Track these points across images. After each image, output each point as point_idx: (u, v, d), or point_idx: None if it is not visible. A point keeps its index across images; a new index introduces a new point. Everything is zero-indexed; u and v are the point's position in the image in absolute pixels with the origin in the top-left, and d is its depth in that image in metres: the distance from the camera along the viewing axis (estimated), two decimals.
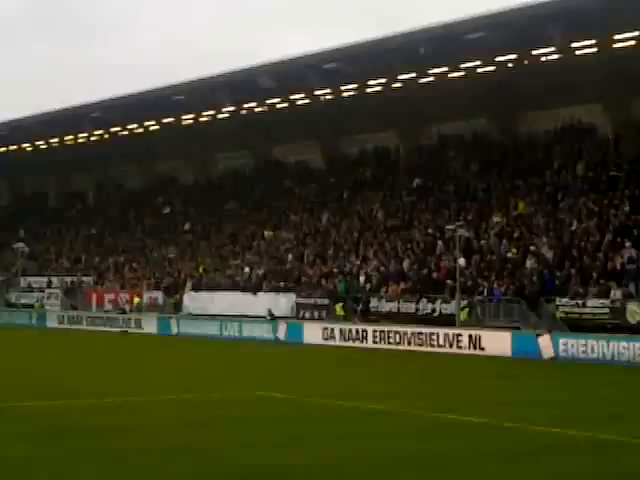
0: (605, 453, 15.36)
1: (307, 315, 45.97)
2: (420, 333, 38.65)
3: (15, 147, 72.09)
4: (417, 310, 41.19)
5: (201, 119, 61.13)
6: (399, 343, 39.20)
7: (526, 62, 45.62)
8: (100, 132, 66.74)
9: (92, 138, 67.82)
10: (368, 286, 44.54)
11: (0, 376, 27.47)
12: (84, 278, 62.20)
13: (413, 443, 16.13)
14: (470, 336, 36.67)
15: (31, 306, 61.97)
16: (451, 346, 37.16)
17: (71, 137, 68.77)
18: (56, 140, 69.87)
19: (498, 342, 35.92)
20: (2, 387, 24.41)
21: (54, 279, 63.43)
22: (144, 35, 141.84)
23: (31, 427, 17.15)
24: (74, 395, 22.38)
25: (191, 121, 61.66)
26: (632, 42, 42.01)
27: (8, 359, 34.75)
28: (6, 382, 25.62)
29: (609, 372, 30.13)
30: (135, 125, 64.73)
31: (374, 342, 40.11)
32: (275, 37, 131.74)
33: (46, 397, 21.90)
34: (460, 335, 37.10)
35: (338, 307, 44.37)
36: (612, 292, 35.39)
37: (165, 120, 62.35)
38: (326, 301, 45.39)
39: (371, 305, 43.32)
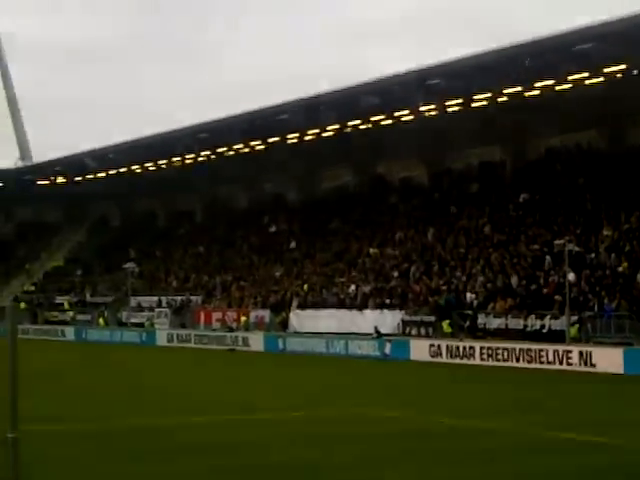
0: None
1: (414, 332, 45.70)
2: (529, 350, 38.01)
3: (125, 169, 73.66)
4: (525, 326, 40.56)
5: (306, 137, 61.50)
6: (507, 360, 38.61)
7: (635, 72, 44.64)
8: (207, 153, 67.72)
9: (199, 159, 68.86)
10: (475, 302, 44.08)
11: (124, 393, 27.91)
12: (192, 297, 63.07)
13: (528, 460, 15.81)
14: (580, 352, 35.90)
15: (142, 325, 63.11)
16: (561, 363, 36.43)
17: (178, 158, 69.96)
18: (164, 161, 71.20)
19: (610, 358, 35.08)
20: (125, 404, 24.79)
21: (163, 298, 64.51)
22: (242, 58, 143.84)
23: (145, 445, 17.31)
24: (181, 412, 22.54)
25: (296, 140, 62.09)
26: None
27: (127, 377, 35.34)
28: (125, 399, 26.05)
29: None
30: (241, 145, 65.48)
31: (481, 359, 39.62)
32: (375, 55, 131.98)
33: (158, 415, 22.14)
34: (570, 352, 36.35)
35: (445, 324, 44.00)
36: None
37: (271, 140, 62.94)
38: (432, 318, 45.07)
39: (478, 321, 42.84)
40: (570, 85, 46.91)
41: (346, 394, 27.98)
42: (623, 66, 44.53)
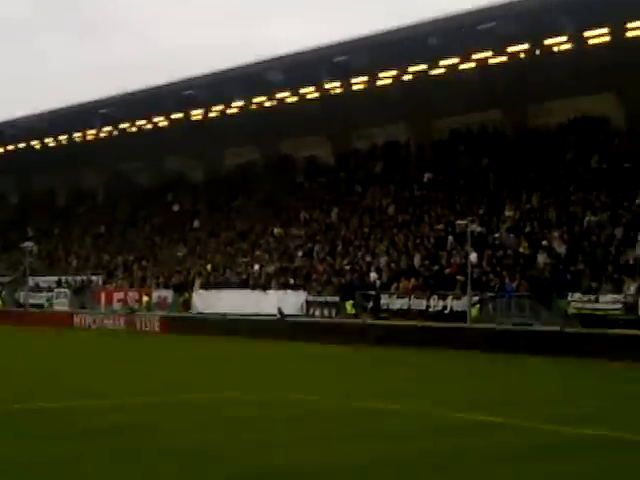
0: None
1: (317, 313, 45.29)
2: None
3: (23, 145, 71.62)
4: (428, 307, 40.45)
5: (210, 114, 60.46)
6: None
7: (538, 52, 44.73)
8: (108, 129, 66.14)
9: (100, 135, 67.24)
10: (379, 283, 43.80)
11: (21, 376, 26.92)
12: (93, 277, 61.68)
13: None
14: None
15: (41, 306, 61.51)
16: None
17: (79, 134, 68.25)
18: (64, 137, 69.39)
19: None
20: (20, 387, 23.88)
21: (63, 278, 62.93)
22: (145, 32, 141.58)
23: (37, 428, 16.61)
24: (85, 395, 21.77)
25: (200, 116, 60.99)
26: None
27: (23, 359, 34.15)
28: (26, 382, 25.12)
29: None
30: (144, 121, 64.12)
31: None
32: (281, 30, 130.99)
33: (59, 398, 21.36)
34: None
35: (348, 304, 43.66)
36: (625, 287, 34.54)
37: (174, 116, 61.73)
38: (336, 298, 44.69)
39: (382, 302, 42.57)
40: (474, 64, 46.85)
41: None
42: (526, 45, 44.57)
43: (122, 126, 65.25)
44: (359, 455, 14.30)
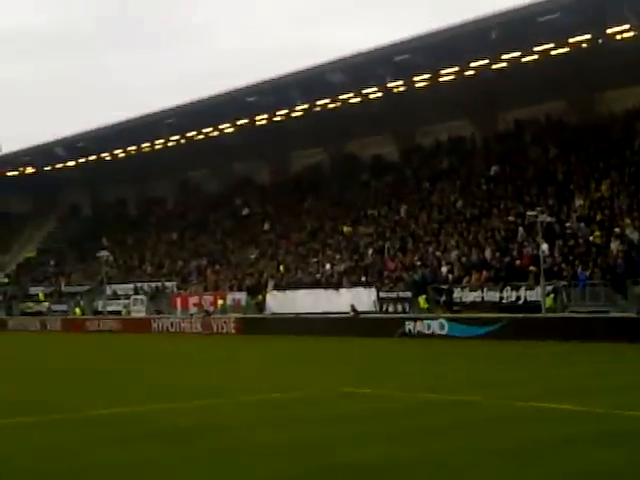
0: None
1: (390, 309, 45.82)
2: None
3: (94, 157, 73.26)
4: (501, 298, 40.78)
5: (274, 119, 61.37)
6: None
7: (600, 41, 44.77)
8: (176, 137, 67.43)
9: (169, 144, 68.57)
10: (450, 277, 44.22)
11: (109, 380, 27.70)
12: (167, 283, 62.94)
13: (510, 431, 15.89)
14: None
15: (119, 312, 62.91)
16: None
17: (148, 144, 69.68)
18: (133, 148, 70.88)
19: None
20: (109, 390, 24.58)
21: (139, 285, 64.33)
22: (209, 39, 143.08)
23: (119, 432, 17.16)
24: (155, 399, 22.35)
25: (265, 121, 61.94)
26: None
27: (108, 361, 35.10)
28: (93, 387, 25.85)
29: None
30: (210, 129, 65.27)
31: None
32: (343, 32, 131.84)
33: (126, 402, 21.96)
34: None
35: (421, 299, 44.13)
36: None
37: (239, 122, 62.76)
38: (409, 294, 45.18)
39: (454, 296, 43.00)
40: (536, 56, 47.04)
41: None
42: (588, 36, 44.66)
43: (189, 134, 66.49)
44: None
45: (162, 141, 68.48)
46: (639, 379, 23.52)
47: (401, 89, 54.04)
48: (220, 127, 64.73)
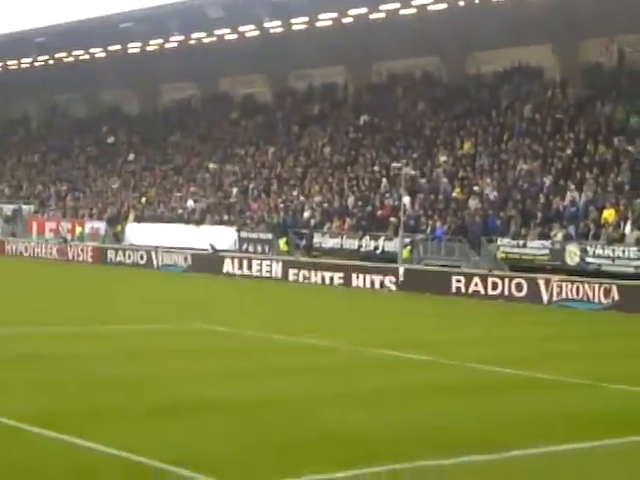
0: None
1: (250, 249, 45.88)
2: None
3: None
4: (360, 247, 41.35)
5: (148, 48, 60.10)
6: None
7: (477, 1, 45.39)
8: (45, 58, 65.31)
9: (36, 64, 66.37)
10: (312, 222, 44.52)
11: None
12: (25, 206, 61.36)
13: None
14: None
15: None
16: None
17: (14, 62, 67.32)
18: None
19: None
20: None
21: None
22: None
23: None
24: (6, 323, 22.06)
25: (138, 50, 60.61)
26: None
27: None
28: None
29: None
30: (81, 52, 63.46)
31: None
32: None
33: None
34: None
35: (282, 242, 44.34)
36: (553, 234, 35.77)
37: (112, 48, 61.22)
38: (270, 236, 45.32)
39: (314, 241, 43.35)
40: (414, 10, 47.37)
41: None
42: None
43: (58, 55, 64.48)
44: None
45: (30, 60, 66.23)
46: (484, 333, 24.36)
47: (278, 30, 53.66)
48: (91, 51, 62.97)
